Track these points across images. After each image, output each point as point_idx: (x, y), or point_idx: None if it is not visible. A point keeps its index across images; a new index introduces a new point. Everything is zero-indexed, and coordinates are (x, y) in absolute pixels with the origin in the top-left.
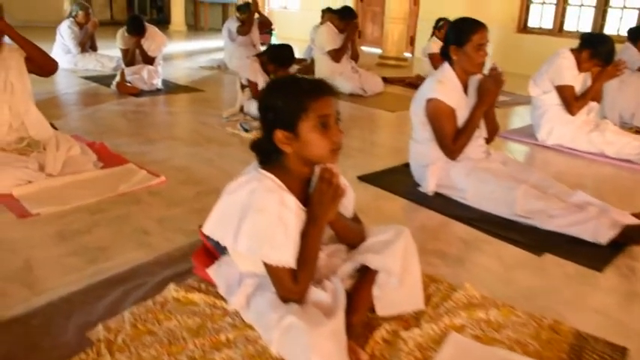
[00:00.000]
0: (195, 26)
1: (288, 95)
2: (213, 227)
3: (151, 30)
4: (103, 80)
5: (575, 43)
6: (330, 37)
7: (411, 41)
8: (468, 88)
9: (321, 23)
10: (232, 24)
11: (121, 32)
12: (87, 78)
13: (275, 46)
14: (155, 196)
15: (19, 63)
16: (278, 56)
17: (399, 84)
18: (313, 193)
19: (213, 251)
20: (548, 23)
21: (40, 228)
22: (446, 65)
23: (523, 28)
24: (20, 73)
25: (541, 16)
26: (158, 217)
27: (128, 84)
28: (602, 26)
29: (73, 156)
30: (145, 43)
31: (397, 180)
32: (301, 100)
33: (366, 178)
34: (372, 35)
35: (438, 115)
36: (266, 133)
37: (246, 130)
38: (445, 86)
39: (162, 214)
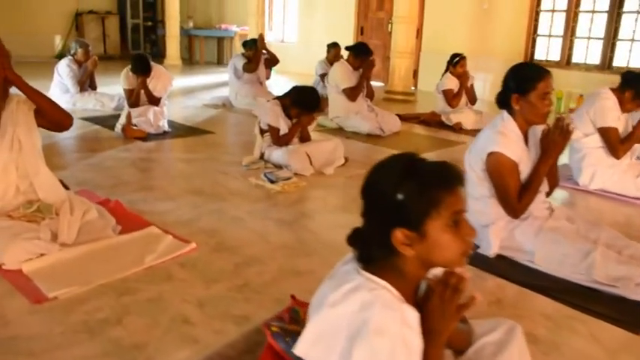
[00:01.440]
0: (189, 60)
1: (412, 185)
2: (310, 348)
3: (157, 69)
4: (105, 122)
5: (582, 75)
6: (345, 74)
7: (414, 74)
8: (528, 139)
9: (327, 58)
10: (238, 61)
11: (125, 72)
12: (87, 119)
13: (299, 88)
14: (188, 269)
15: (27, 117)
16: (303, 100)
17: (413, 121)
18: (433, 304)
19: (283, 355)
20: (555, 55)
21: (60, 317)
22: (505, 115)
23: (530, 60)
24: (29, 129)
25: (548, 49)
26: (197, 298)
27: (134, 127)
28: (610, 59)
29: (90, 221)
30: (151, 83)
31: None
32: (431, 193)
33: None
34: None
35: (500, 170)
36: (376, 228)
37: (272, 182)
38: (507, 138)
39: (200, 295)
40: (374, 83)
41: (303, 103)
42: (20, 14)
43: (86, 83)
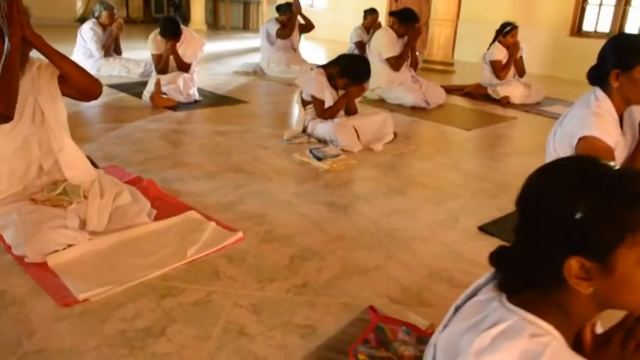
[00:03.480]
0: (214, 25)
1: (599, 201)
2: None
3: (187, 33)
4: (132, 89)
5: None
6: (389, 42)
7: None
8: (623, 121)
9: (364, 25)
10: (271, 26)
11: (153, 36)
12: (113, 86)
13: (347, 57)
14: (237, 263)
15: (50, 84)
16: (353, 70)
17: (456, 93)
18: (610, 355)
19: None
20: (605, 26)
21: (93, 326)
22: (600, 93)
23: (577, 31)
24: (52, 98)
25: (597, 19)
26: (251, 302)
27: (164, 96)
28: None
29: (123, 205)
30: (181, 48)
31: None
32: (626, 212)
33: (489, 229)
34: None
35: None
36: (540, 253)
37: (319, 159)
38: (603, 120)
39: (255, 298)
40: None
41: (352, 72)
42: None
43: (111, 48)
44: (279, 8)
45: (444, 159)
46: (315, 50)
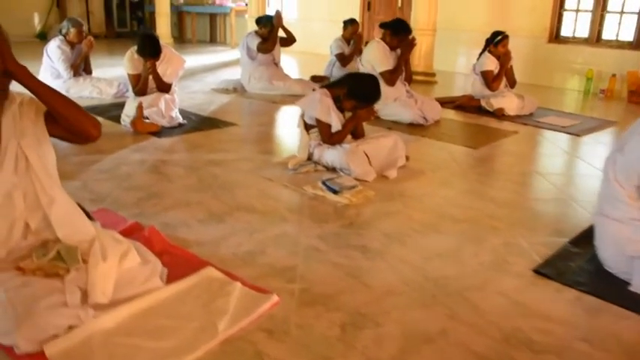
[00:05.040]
0: (180, 38)
1: None
2: None
3: (166, 50)
4: (107, 112)
5: (614, 53)
6: (382, 55)
7: None
8: None
9: (344, 36)
10: (252, 40)
11: (130, 54)
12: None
13: (355, 76)
14: (280, 338)
15: (35, 124)
16: (362, 91)
17: (448, 106)
18: None
19: None
20: (583, 32)
21: None
22: None
23: (555, 37)
24: (38, 141)
25: (575, 25)
26: None
27: (146, 120)
28: None
29: (130, 269)
30: (160, 67)
31: (583, 270)
32: None
33: (545, 271)
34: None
35: None
36: None
37: (335, 192)
38: None
39: None
40: None
41: (361, 93)
42: None
43: (80, 67)
44: (259, 21)
45: (463, 184)
46: (287, 63)
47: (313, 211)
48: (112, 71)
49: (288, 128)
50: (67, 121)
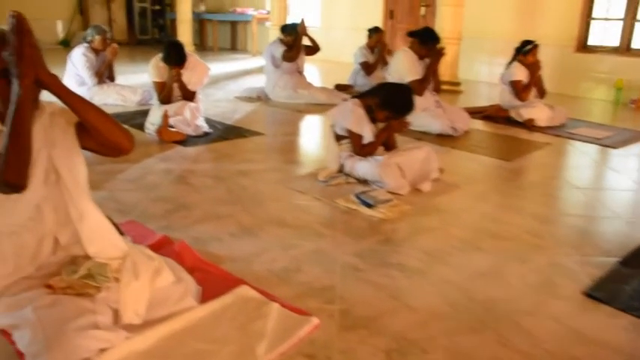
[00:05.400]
0: (201, 46)
1: None
2: None
3: (191, 58)
4: (131, 119)
5: None
6: (411, 65)
7: None
8: None
9: (368, 45)
10: (276, 48)
11: (155, 62)
12: None
13: (390, 86)
14: None
15: (66, 135)
16: (396, 101)
17: (476, 116)
18: None
19: None
20: (613, 41)
21: None
22: None
23: (583, 47)
24: (69, 153)
25: (604, 34)
26: None
27: (172, 129)
28: None
29: (163, 288)
30: (185, 75)
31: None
32: None
33: (597, 294)
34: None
35: None
36: None
37: (369, 206)
38: None
39: None
40: None
41: (395, 104)
42: None
43: (104, 74)
44: (284, 29)
45: (500, 198)
46: (309, 71)
47: (347, 225)
48: (134, 78)
49: (314, 138)
50: (99, 134)
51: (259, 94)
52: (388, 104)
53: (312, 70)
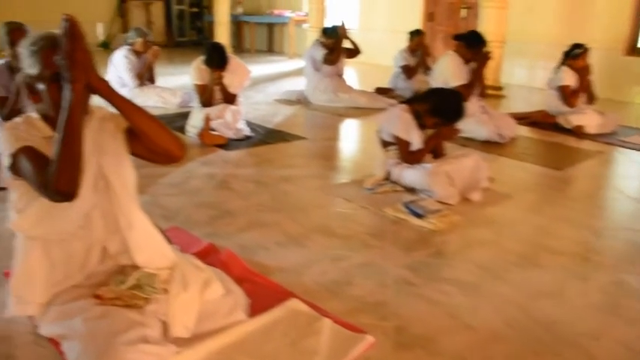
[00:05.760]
0: (238, 48)
1: None
2: None
3: (233, 61)
4: (172, 122)
5: None
6: (456, 69)
7: None
8: None
9: (409, 47)
10: (317, 51)
11: (197, 65)
12: None
13: (438, 92)
14: None
15: (115, 141)
16: (447, 108)
17: (521, 122)
18: None
19: None
20: None
21: None
22: None
23: (632, 49)
24: (118, 159)
25: None
26: None
27: (213, 132)
28: None
29: (213, 300)
30: (226, 78)
31: None
32: None
33: None
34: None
35: None
36: None
37: (419, 216)
38: None
39: None
40: None
41: (445, 111)
42: (65, 2)
43: (145, 76)
44: (325, 31)
45: (554, 210)
46: (347, 74)
47: (397, 236)
48: (173, 80)
49: (357, 143)
50: (150, 141)
51: (299, 97)
52: (438, 110)
53: (350, 72)
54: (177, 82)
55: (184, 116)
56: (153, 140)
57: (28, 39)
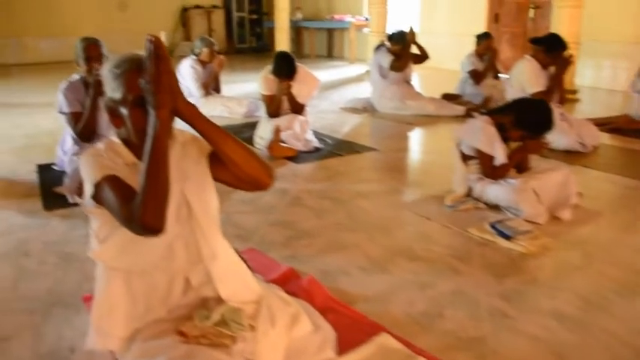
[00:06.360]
0: (298, 53)
1: None
2: None
3: (301, 70)
4: (239, 133)
5: None
6: (535, 74)
7: None
8: None
9: (477, 52)
10: (383, 57)
11: (265, 74)
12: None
13: (525, 103)
14: None
15: (198, 166)
16: (534, 121)
17: (602, 128)
18: None
19: None
20: None
21: None
22: None
23: None
24: (201, 186)
25: None
26: None
27: (283, 144)
28: None
29: (301, 338)
30: (295, 87)
31: None
32: None
33: None
34: (512, 60)
35: None
36: None
37: (508, 237)
38: None
39: None
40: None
41: (533, 122)
42: (129, 12)
43: (211, 86)
44: (391, 37)
45: None
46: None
47: (486, 260)
48: (235, 88)
49: (430, 154)
50: (238, 168)
51: (365, 104)
52: (525, 123)
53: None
54: (239, 90)
55: (251, 126)
56: (241, 168)
57: (112, 61)
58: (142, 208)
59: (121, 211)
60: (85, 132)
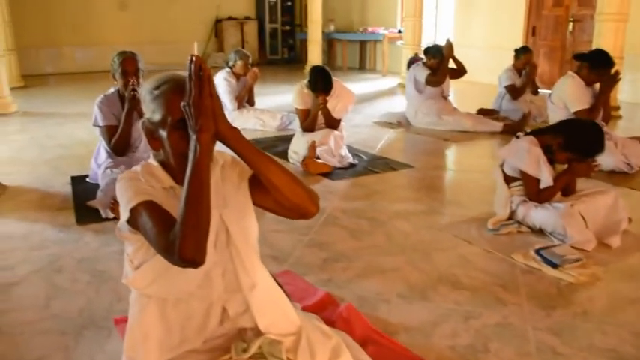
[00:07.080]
0: (330, 65)
1: None
2: None
3: (337, 84)
4: (272, 147)
5: None
6: (579, 92)
7: None
8: None
9: (515, 66)
10: (420, 72)
11: (299, 88)
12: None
13: (573, 125)
14: None
15: (238, 191)
16: (583, 143)
17: None
18: None
19: None
20: None
21: None
22: None
23: None
24: (241, 212)
25: None
26: None
27: (318, 160)
28: None
29: None
30: (330, 102)
31: None
32: None
33: None
34: (550, 75)
35: None
36: None
37: (554, 265)
38: None
39: None
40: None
41: (582, 145)
42: (164, 24)
43: (244, 99)
44: (427, 51)
45: None
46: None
47: (532, 290)
48: (266, 100)
49: (468, 173)
50: (281, 195)
51: (399, 119)
52: (574, 145)
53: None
54: (270, 101)
55: (284, 140)
56: (285, 195)
57: (151, 81)
58: (181, 240)
59: (159, 240)
60: (120, 146)
